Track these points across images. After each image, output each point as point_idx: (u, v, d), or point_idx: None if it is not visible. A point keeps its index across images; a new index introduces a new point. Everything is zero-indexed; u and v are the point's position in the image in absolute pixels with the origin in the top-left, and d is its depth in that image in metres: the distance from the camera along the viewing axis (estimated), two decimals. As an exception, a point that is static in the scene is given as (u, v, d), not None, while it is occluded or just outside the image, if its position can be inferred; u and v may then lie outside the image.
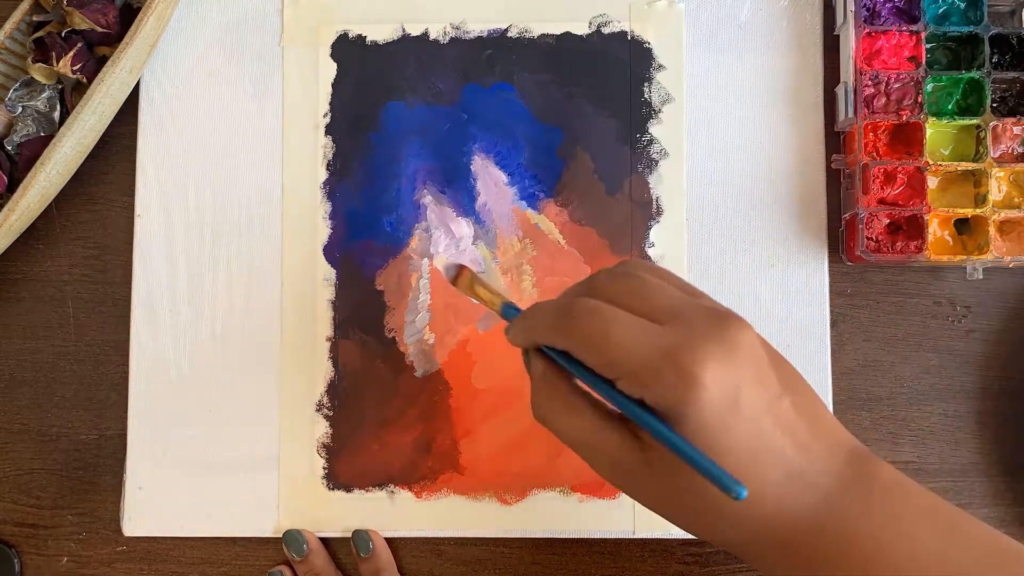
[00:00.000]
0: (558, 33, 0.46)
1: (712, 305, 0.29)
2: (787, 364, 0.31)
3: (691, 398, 0.27)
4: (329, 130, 0.46)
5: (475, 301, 0.35)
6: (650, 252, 0.45)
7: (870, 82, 0.44)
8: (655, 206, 0.45)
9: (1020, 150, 0.44)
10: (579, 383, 0.31)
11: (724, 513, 0.29)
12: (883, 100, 0.44)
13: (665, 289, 0.30)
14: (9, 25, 0.44)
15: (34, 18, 0.45)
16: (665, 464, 0.28)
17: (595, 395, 0.30)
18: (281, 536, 0.43)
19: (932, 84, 0.44)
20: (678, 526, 0.30)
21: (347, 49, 0.46)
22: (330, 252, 0.45)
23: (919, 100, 0.44)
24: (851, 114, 0.44)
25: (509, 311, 0.33)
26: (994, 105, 0.44)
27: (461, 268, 0.35)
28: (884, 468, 0.30)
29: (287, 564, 0.44)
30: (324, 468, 0.44)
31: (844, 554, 0.28)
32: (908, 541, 0.28)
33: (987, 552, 0.29)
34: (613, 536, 0.44)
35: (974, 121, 0.44)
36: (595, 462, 0.30)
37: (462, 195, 0.45)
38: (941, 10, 0.45)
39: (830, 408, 0.43)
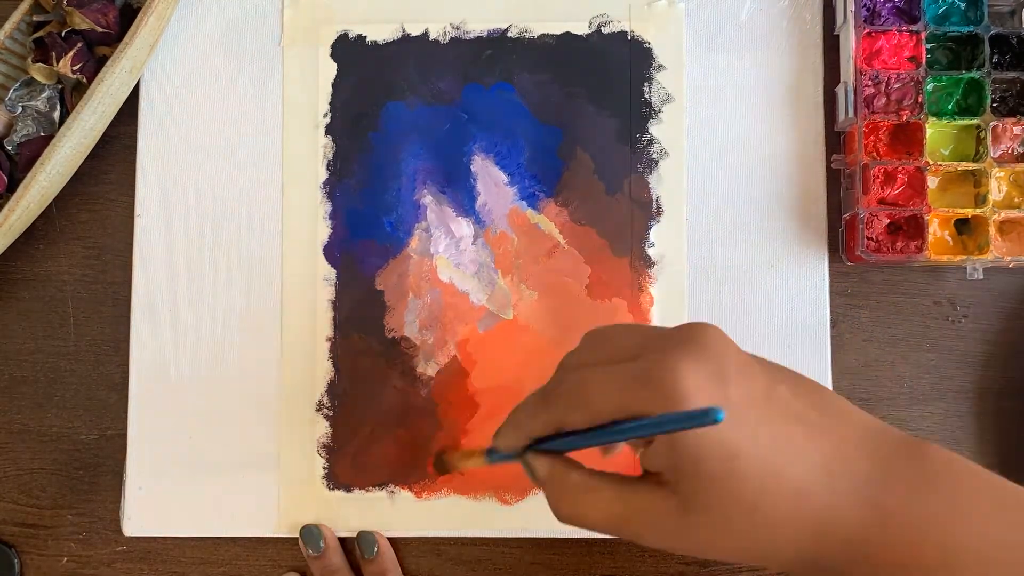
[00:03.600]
0: (558, 33, 0.46)
1: (676, 326, 0.29)
2: (772, 362, 0.30)
3: (670, 405, 0.26)
4: (329, 130, 0.46)
5: (466, 468, 0.36)
6: (650, 252, 0.45)
7: (870, 82, 0.44)
8: (655, 206, 0.45)
9: (1020, 150, 0.44)
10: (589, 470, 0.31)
11: (777, 524, 0.28)
12: (883, 100, 0.44)
13: (628, 329, 0.30)
14: (9, 25, 0.44)
15: (34, 18, 0.45)
16: (699, 494, 0.28)
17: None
18: (298, 533, 0.43)
19: (932, 84, 0.44)
20: (738, 562, 0.30)
21: (347, 49, 0.46)
22: (330, 252, 0.45)
23: (919, 100, 0.44)
24: (851, 114, 0.44)
25: (492, 454, 0.33)
26: (994, 105, 0.44)
27: (439, 456, 0.36)
28: (935, 449, 0.29)
29: (295, 571, 0.44)
30: (324, 468, 0.44)
31: (912, 550, 0.27)
32: (982, 524, 0.27)
33: None
34: (613, 536, 0.44)
35: (974, 121, 0.44)
36: (637, 530, 0.29)
37: (462, 195, 0.45)
38: (941, 10, 0.45)
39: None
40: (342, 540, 0.44)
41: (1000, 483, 0.29)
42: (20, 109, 0.44)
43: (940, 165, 0.43)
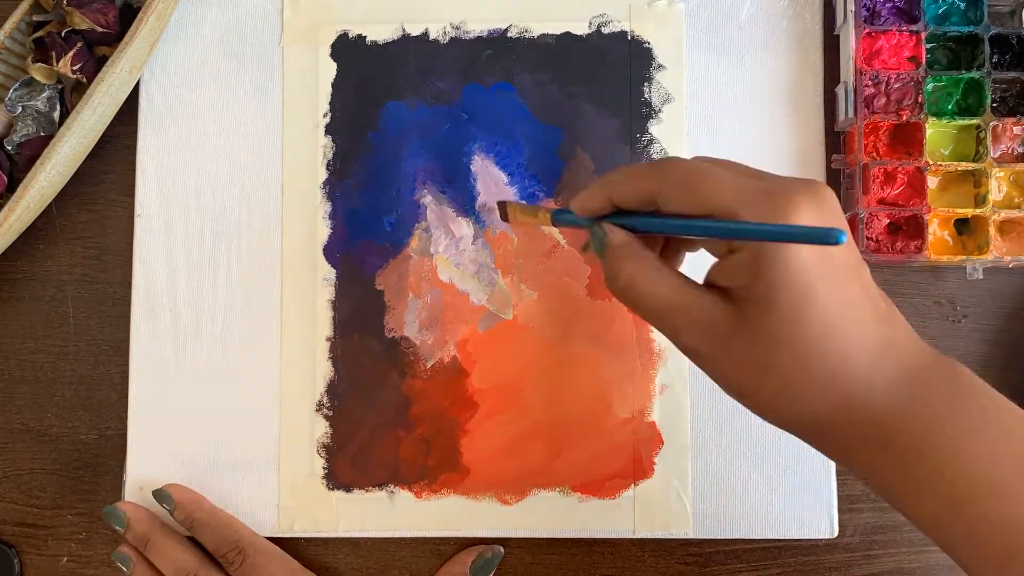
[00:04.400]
0: (558, 33, 0.46)
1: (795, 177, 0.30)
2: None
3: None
4: (329, 130, 0.46)
5: (526, 226, 0.38)
6: (650, 252, 0.45)
7: (870, 82, 0.44)
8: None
9: (1020, 150, 0.44)
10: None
11: (816, 376, 0.28)
12: (883, 100, 0.44)
13: (745, 166, 0.31)
14: (9, 25, 0.44)
15: (34, 18, 0.45)
16: (761, 320, 0.28)
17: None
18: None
19: (932, 84, 0.44)
20: (759, 405, 0.30)
21: (347, 49, 0.46)
22: (330, 252, 0.45)
23: (919, 100, 0.44)
24: (851, 114, 0.44)
25: (559, 215, 0.35)
26: (994, 105, 0.44)
27: (503, 205, 0.39)
28: (967, 369, 0.30)
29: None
30: (324, 468, 0.44)
31: (928, 440, 0.28)
32: (996, 434, 0.28)
33: None
34: (613, 536, 0.44)
35: (974, 121, 0.44)
36: (683, 326, 0.30)
37: (462, 195, 0.45)
38: (941, 10, 0.45)
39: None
40: (342, 540, 0.44)
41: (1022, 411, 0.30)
42: (20, 109, 0.44)
43: (940, 165, 0.43)
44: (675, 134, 0.45)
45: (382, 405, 0.44)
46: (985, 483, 0.28)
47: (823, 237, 0.26)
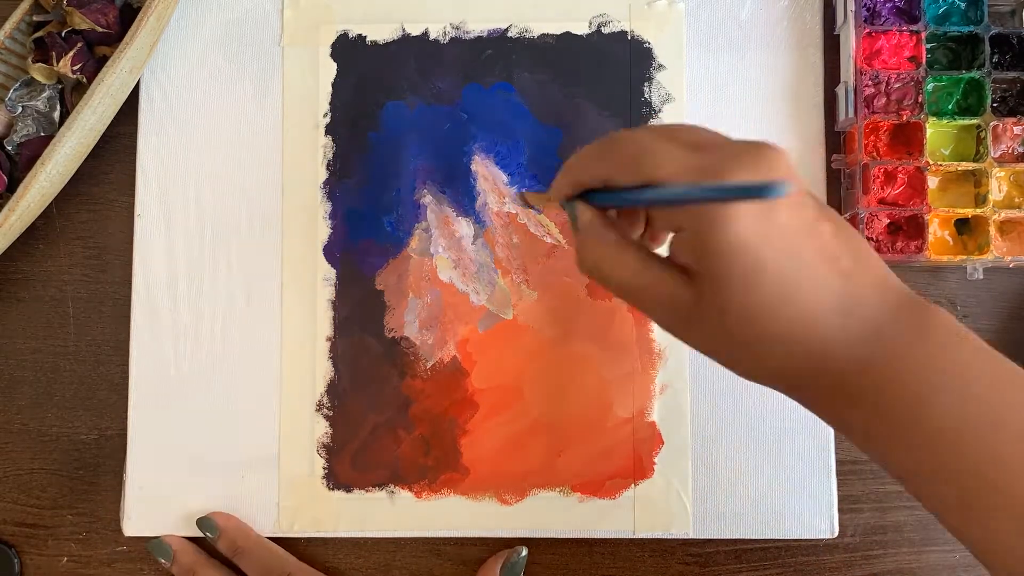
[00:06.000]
0: (558, 33, 0.46)
1: (747, 141, 0.29)
2: (824, 204, 0.31)
3: (718, 208, 0.27)
4: (329, 130, 0.46)
5: (543, 209, 0.41)
6: (650, 252, 0.45)
7: (870, 82, 0.44)
8: (655, 206, 0.45)
9: (1020, 150, 0.44)
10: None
11: (776, 340, 0.29)
12: (883, 100, 0.44)
13: (696, 129, 0.30)
14: (9, 25, 0.44)
15: (34, 18, 0.45)
16: (715, 294, 0.28)
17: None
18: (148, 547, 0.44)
19: (932, 84, 0.44)
20: (729, 366, 0.31)
21: (347, 49, 0.46)
22: (330, 252, 0.45)
23: (919, 100, 0.44)
24: (851, 114, 0.44)
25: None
26: (994, 105, 0.44)
27: (522, 195, 0.43)
28: (941, 313, 0.30)
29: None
30: (324, 468, 0.44)
31: (894, 393, 0.28)
32: (960, 384, 0.28)
33: None
34: (613, 536, 0.44)
35: (974, 121, 0.43)
36: (646, 303, 0.31)
37: (462, 195, 0.45)
38: (941, 10, 0.45)
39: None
40: (343, 540, 0.44)
41: (998, 356, 0.29)
42: (20, 109, 0.44)
43: (940, 165, 0.43)
44: (675, 134, 0.45)
45: (382, 405, 0.44)
46: (950, 433, 0.28)
47: (758, 191, 0.25)
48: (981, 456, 0.28)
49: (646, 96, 0.46)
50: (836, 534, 0.43)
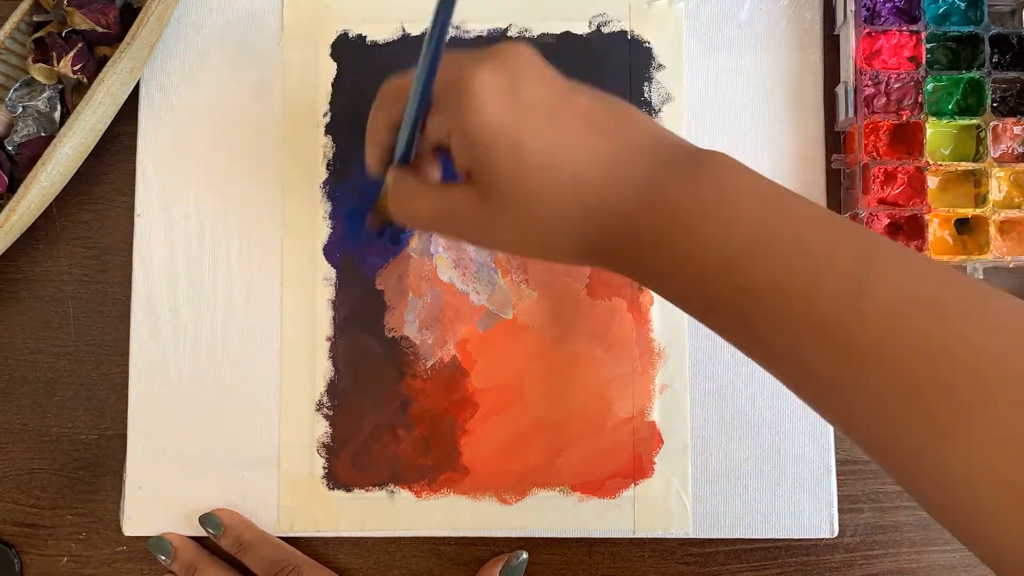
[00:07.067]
0: (558, 33, 0.46)
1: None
2: (583, 84, 0.32)
3: (467, 103, 0.30)
4: (329, 130, 0.46)
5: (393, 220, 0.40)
6: (650, 252, 0.45)
7: (870, 82, 0.44)
8: (655, 206, 0.45)
9: (1020, 150, 0.44)
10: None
11: (557, 205, 0.30)
12: (883, 100, 0.44)
13: (454, 57, 0.32)
14: (9, 25, 0.44)
15: (34, 18, 0.45)
16: (492, 182, 0.30)
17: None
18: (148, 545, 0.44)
19: (932, 84, 0.44)
20: (535, 253, 0.32)
21: (347, 49, 0.46)
22: (330, 252, 0.45)
23: (919, 100, 0.44)
24: (851, 114, 0.44)
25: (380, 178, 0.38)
26: (994, 105, 0.44)
27: (370, 219, 0.42)
28: (718, 155, 0.30)
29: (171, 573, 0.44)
30: (324, 468, 0.44)
31: (669, 230, 0.29)
32: (728, 210, 0.29)
33: (807, 217, 0.29)
34: (613, 536, 0.44)
35: (974, 121, 0.44)
36: (452, 224, 0.33)
37: (462, 195, 0.45)
38: (941, 10, 0.45)
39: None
40: (343, 540, 0.44)
41: (774, 187, 0.30)
42: (20, 109, 0.44)
43: (940, 165, 0.43)
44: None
45: (382, 405, 0.44)
46: (718, 260, 0.28)
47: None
48: (748, 281, 0.28)
49: (646, 96, 0.46)
50: (836, 534, 0.43)
